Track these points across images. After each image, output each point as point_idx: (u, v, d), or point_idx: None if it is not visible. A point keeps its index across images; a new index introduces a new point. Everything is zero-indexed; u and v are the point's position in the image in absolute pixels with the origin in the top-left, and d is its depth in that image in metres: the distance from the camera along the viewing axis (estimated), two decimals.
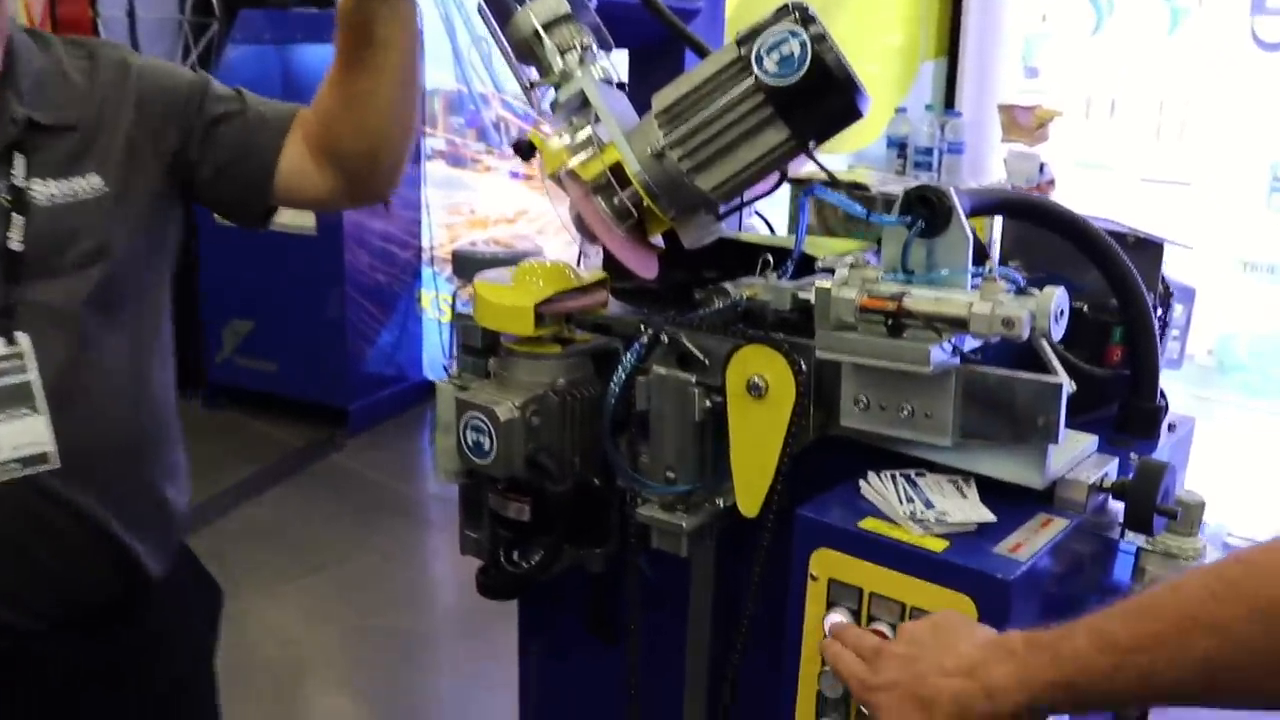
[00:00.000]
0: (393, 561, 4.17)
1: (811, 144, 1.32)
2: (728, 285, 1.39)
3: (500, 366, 1.50)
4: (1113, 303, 1.49)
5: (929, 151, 4.12)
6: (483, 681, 3.38)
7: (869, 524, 1.20)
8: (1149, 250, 1.59)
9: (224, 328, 5.37)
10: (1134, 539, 1.42)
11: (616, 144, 1.37)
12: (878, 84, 4.28)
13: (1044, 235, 1.49)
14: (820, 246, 1.62)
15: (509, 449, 1.42)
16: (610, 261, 1.64)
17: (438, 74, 5.44)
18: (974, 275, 1.27)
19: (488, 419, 1.42)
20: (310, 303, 5.17)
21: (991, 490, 1.26)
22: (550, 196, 1.43)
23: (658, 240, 1.48)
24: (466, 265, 5.01)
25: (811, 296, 1.30)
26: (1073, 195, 3.84)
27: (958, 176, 4.12)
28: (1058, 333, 1.18)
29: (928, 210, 1.26)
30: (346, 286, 5.11)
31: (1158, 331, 1.49)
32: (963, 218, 1.27)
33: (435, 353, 5.58)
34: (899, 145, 4.16)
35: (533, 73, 1.46)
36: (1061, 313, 1.18)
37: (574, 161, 1.38)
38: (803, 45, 1.27)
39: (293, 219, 5.06)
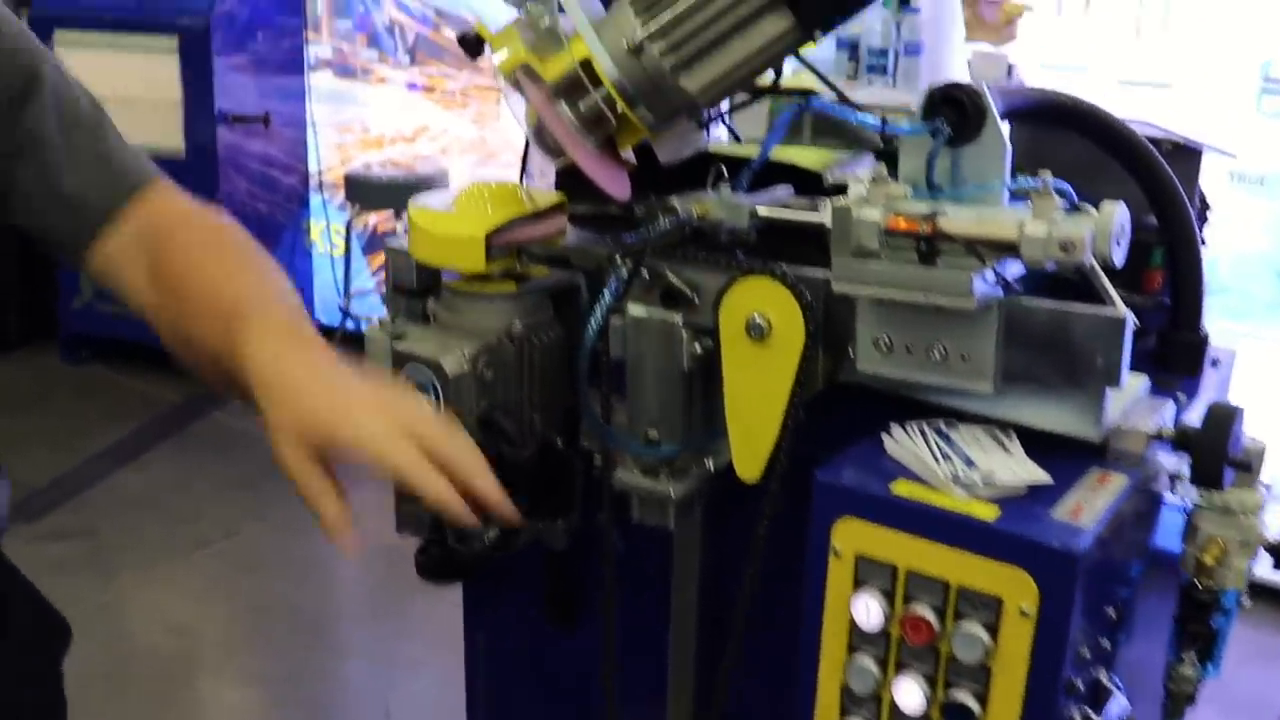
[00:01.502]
0: (289, 533, 4.03)
1: (818, 34, 1.22)
2: (674, 200, 1.29)
3: (443, 309, 1.39)
4: (1150, 220, 1.42)
5: (883, 53, 4.03)
6: (400, 662, 3.29)
7: (903, 488, 1.12)
8: (1187, 158, 1.52)
9: None
10: (1186, 493, 1.37)
11: (585, 36, 1.25)
12: None
13: (1060, 142, 1.41)
14: (791, 157, 1.53)
15: (459, 408, 1.31)
16: (563, 181, 1.53)
17: None
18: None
19: (432, 373, 1.31)
20: None
21: (1030, 442, 1.18)
22: (507, 102, 1.31)
23: (628, 155, 1.36)
24: (361, 191, 4.85)
25: (772, 211, 1.22)
26: None
27: (915, 80, 4.04)
28: (1120, 257, 1.10)
29: (956, 113, 1.18)
30: None
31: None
32: (998, 121, 1.19)
33: (328, 292, 5.39)
34: (850, 46, 4.06)
35: None
36: (1124, 233, 1.10)
37: (534, 58, 1.26)
38: None
39: (156, 139, 4.83)
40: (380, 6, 5.17)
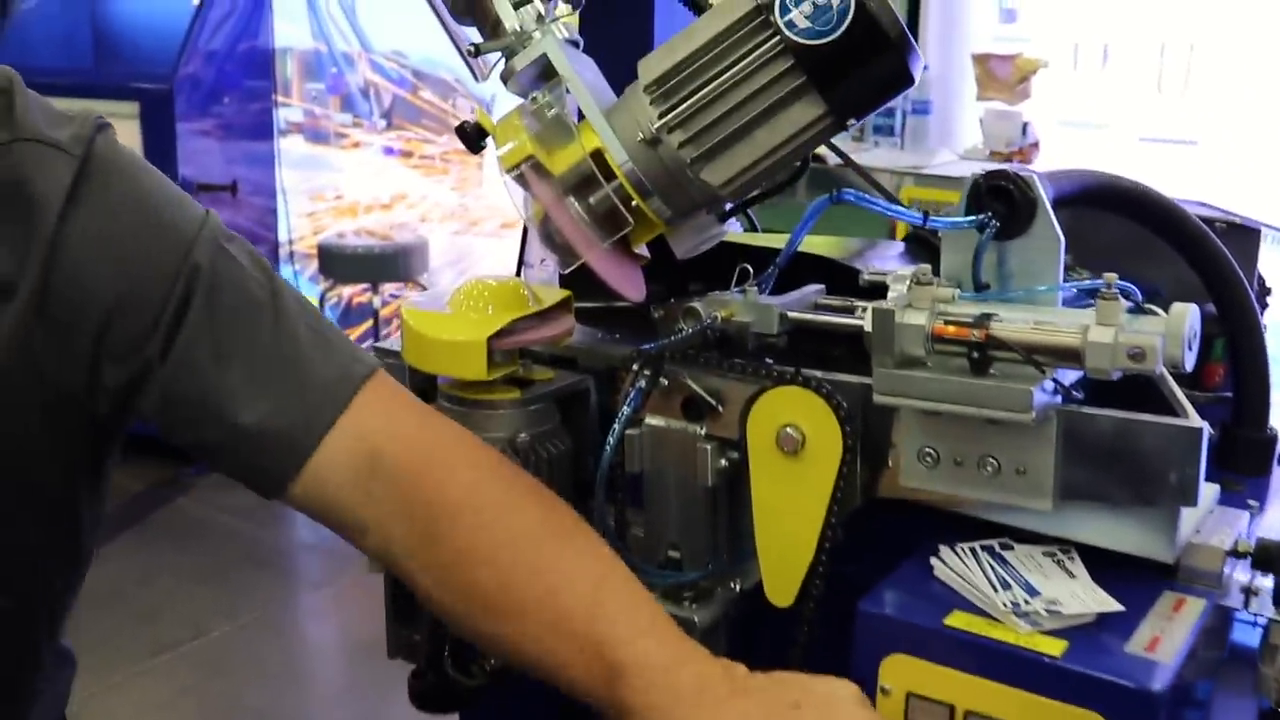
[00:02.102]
0: (262, 631, 3.96)
1: (851, 121, 1.19)
2: (695, 302, 1.25)
3: None
4: (1208, 308, 1.39)
5: (890, 113, 4.04)
6: None
7: (959, 620, 1.07)
8: (1243, 238, 1.50)
9: None
10: (1261, 608, 1.32)
11: (595, 125, 1.22)
12: None
13: (1098, 222, 1.38)
14: (809, 245, 1.50)
15: None
16: (567, 274, 1.49)
17: (289, 29, 5.21)
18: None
19: None
20: None
21: (1090, 560, 1.14)
22: (511, 197, 1.27)
23: (642, 250, 1.33)
24: (335, 262, 4.82)
25: (805, 315, 1.20)
26: (1059, 160, 3.78)
27: (924, 141, 4.04)
28: (1191, 362, 1.06)
29: (1005, 205, 1.14)
30: None
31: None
32: (1050, 213, 1.15)
33: None
34: None
35: (474, 34, 1.30)
36: (1195, 336, 1.06)
37: (541, 151, 1.22)
38: None
39: None
40: (354, 68, 5.18)
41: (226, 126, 5.01)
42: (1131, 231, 1.38)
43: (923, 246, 1.52)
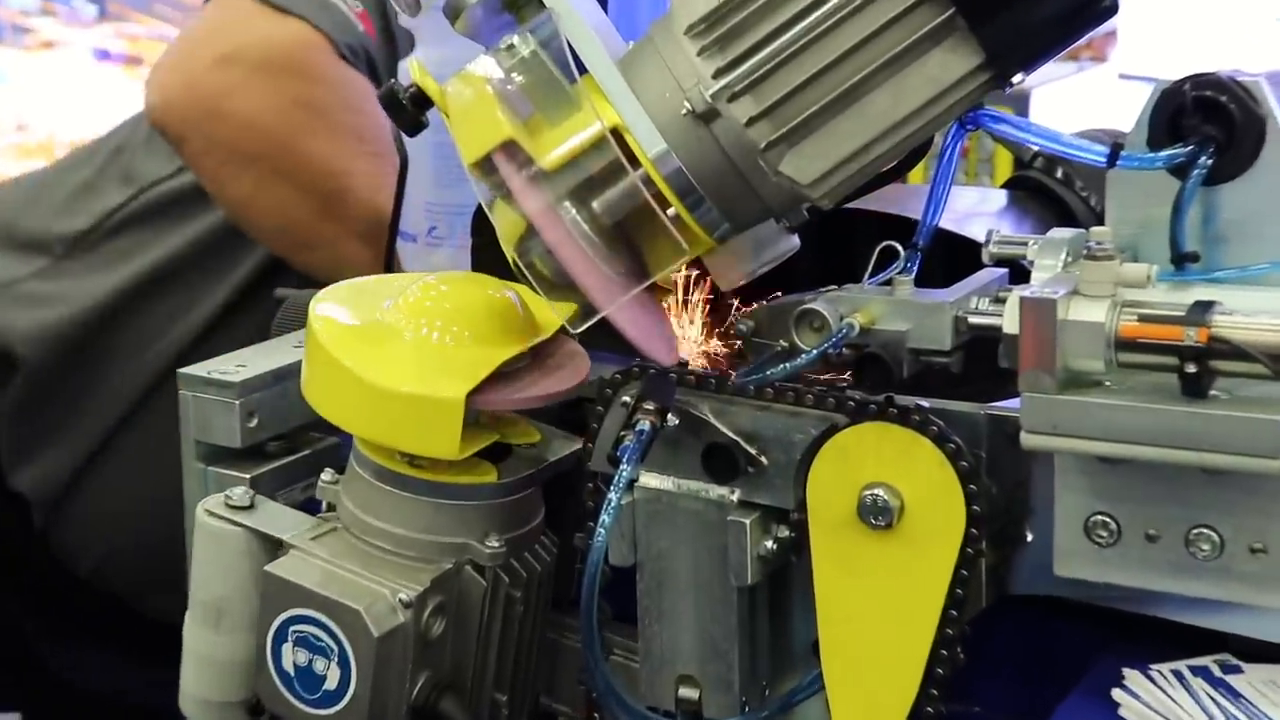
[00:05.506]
0: None
1: (1019, 77, 1.00)
2: (817, 304, 1.04)
3: (358, 503, 1.12)
4: None
5: None
6: None
7: None
8: None
9: None
10: None
11: (611, 93, 0.99)
12: None
13: None
14: None
15: (385, 691, 1.06)
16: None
17: None
18: None
19: (342, 631, 1.05)
20: None
21: None
22: (479, 195, 1.04)
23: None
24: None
25: (995, 320, 0.99)
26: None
27: None
28: None
29: (1222, 130, 0.97)
30: None
31: None
32: None
33: None
34: None
35: None
36: None
37: (523, 132, 1.01)
38: None
39: None
40: None
41: None
42: None
43: (1039, 199, 1.38)
